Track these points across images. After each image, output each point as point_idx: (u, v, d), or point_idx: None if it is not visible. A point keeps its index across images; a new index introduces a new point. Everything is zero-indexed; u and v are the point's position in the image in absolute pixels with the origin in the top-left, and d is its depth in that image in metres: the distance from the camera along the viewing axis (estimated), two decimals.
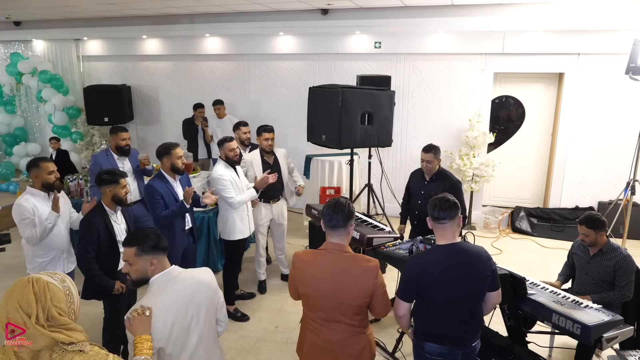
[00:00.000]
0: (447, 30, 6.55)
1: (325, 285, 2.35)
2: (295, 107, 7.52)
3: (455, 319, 2.47)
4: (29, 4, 6.55)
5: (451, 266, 2.41)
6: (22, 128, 9.14)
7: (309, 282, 2.40)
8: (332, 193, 6.03)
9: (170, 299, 2.11)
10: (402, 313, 2.50)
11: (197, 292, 2.19)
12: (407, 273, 2.48)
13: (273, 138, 4.72)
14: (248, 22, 7.25)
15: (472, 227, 6.64)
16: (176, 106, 8.29)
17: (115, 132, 4.65)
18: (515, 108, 7.02)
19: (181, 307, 2.12)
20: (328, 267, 2.36)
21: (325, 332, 2.42)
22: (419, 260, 2.51)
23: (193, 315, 2.16)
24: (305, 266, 2.43)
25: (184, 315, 2.13)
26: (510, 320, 3.09)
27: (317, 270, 2.38)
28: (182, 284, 2.18)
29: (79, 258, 3.33)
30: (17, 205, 3.38)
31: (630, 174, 5.47)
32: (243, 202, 4.30)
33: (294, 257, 2.50)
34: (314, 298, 2.41)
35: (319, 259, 2.41)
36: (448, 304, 2.44)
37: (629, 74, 5.16)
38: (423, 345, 2.52)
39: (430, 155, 4.23)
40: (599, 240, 3.42)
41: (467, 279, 2.42)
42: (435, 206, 2.44)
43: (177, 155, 3.90)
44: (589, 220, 3.39)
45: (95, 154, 4.98)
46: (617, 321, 2.78)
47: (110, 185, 3.36)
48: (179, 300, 2.13)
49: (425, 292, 2.43)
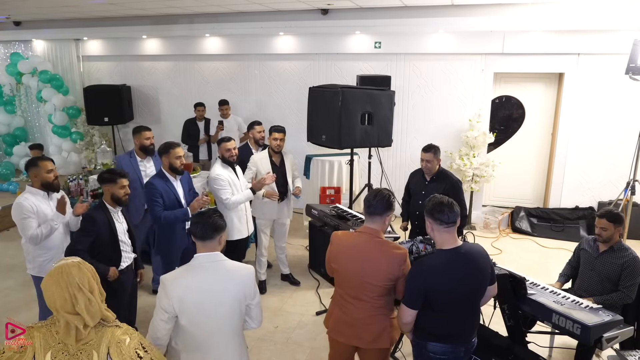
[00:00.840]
0: (447, 30, 6.55)
1: (353, 263, 2.56)
2: (295, 107, 7.52)
3: (460, 319, 2.48)
4: (29, 4, 6.55)
5: (458, 270, 2.40)
6: (22, 128, 9.14)
7: (340, 259, 2.63)
8: (332, 193, 6.03)
9: (196, 280, 2.23)
10: (408, 320, 2.48)
11: (224, 286, 2.25)
12: (414, 280, 2.44)
13: (283, 138, 4.73)
14: (248, 22, 7.25)
15: (472, 227, 6.64)
16: (176, 106, 8.29)
17: (139, 132, 4.62)
18: (515, 108, 7.02)
19: (202, 292, 2.21)
20: (358, 247, 2.57)
21: (350, 308, 2.62)
22: (425, 267, 2.45)
23: (214, 304, 2.22)
24: (340, 244, 2.66)
25: (202, 300, 2.21)
26: (510, 320, 3.09)
27: (349, 249, 2.60)
28: (214, 273, 2.26)
29: (68, 249, 3.26)
30: (17, 204, 3.39)
31: (630, 174, 5.47)
32: (238, 203, 4.31)
33: (332, 236, 2.74)
34: (343, 274, 2.63)
35: (352, 239, 2.64)
36: (454, 306, 2.44)
37: (629, 74, 5.16)
38: (427, 345, 2.52)
39: (430, 154, 4.23)
40: (614, 236, 3.43)
41: (472, 281, 2.43)
42: (444, 211, 2.39)
43: (175, 155, 3.90)
44: (610, 214, 3.42)
45: (119, 156, 4.93)
46: (617, 321, 2.78)
47: (108, 185, 3.37)
48: (201, 286, 2.22)
49: (433, 297, 2.41)
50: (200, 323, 2.23)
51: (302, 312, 4.55)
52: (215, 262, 2.28)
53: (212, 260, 2.28)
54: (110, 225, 3.35)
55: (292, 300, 4.79)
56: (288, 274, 5.14)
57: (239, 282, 2.29)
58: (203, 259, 2.27)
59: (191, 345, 2.27)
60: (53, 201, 3.54)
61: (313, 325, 4.33)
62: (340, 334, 2.70)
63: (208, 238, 2.27)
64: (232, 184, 4.27)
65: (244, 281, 2.30)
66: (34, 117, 9.20)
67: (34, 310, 3.98)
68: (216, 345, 2.28)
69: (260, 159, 4.75)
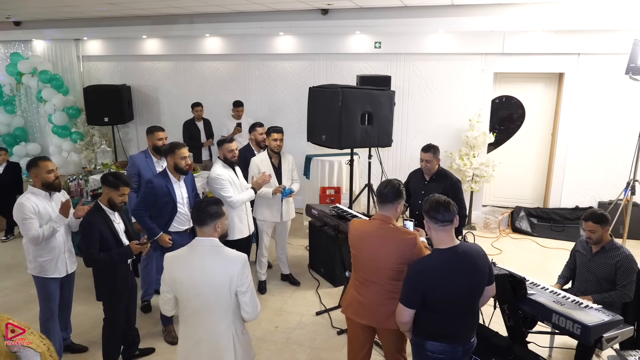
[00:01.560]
0: (447, 30, 6.55)
1: (367, 247, 2.75)
2: (295, 107, 7.52)
3: (458, 318, 2.49)
4: (29, 4, 6.55)
5: (456, 270, 2.41)
6: (22, 128, 9.14)
7: (356, 244, 2.84)
8: (332, 193, 6.03)
9: (188, 259, 2.48)
10: (406, 320, 2.50)
11: (212, 268, 2.43)
12: (412, 280, 2.46)
13: (282, 139, 4.72)
14: (248, 22, 7.25)
15: (472, 227, 6.64)
16: (176, 106, 8.29)
17: (152, 132, 4.60)
18: (515, 108, 7.02)
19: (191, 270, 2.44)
20: (371, 232, 2.77)
21: (364, 290, 2.82)
22: (423, 267, 2.47)
23: (202, 283, 2.42)
24: (356, 230, 2.87)
25: (190, 278, 2.43)
26: (510, 320, 3.09)
27: (364, 234, 2.80)
28: (205, 255, 2.46)
29: (86, 260, 3.33)
30: (19, 204, 3.39)
31: (630, 174, 5.48)
32: (242, 202, 4.33)
33: (349, 224, 2.99)
34: (359, 258, 2.83)
35: (366, 225, 2.86)
36: (452, 305, 2.45)
37: (629, 74, 5.17)
38: (425, 344, 2.53)
39: (429, 154, 4.23)
40: (604, 236, 3.42)
41: (470, 280, 2.44)
42: (439, 209, 2.44)
43: (181, 155, 3.89)
44: (594, 215, 3.41)
45: (133, 155, 4.85)
46: (617, 321, 2.77)
47: (110, 189, 3.37)
48: (192, 266, 2.45)
49: (431, 297, 2.43)
50: (190, 299, 2.46)
51: (302, 312, 4.55)
52: (209, 247, 2.48)
53: (207, 245, 2.48)
54: (109, 226, 3.36)
55: (292, 300, 4.79)
56: (288, 274, 5.14)
57: (226, 266, 2.44)
58: (199, 242, 2.50)
59: (184, 319, 2.54)
60: (55, 201, 3.54)
61: (313, 325, 4.33)
62: (354, 313, 2.90)
63: (204, 224, 2.48)
64: (233, 183, 4.28)
65: (231, 265, 2.44)
66: (34, 117, 9.19)
67: (34, 311, 3.98)
68: (204, 323, 2.47)
69: (260, 160, 4.75)
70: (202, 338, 2.48)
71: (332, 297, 4.78)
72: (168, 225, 3.94)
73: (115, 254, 3.32)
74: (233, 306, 2.47)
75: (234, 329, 2.50)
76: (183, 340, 2.57)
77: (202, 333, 2.48)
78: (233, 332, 2.49)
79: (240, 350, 2.52)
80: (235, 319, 2.51)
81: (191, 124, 7.28)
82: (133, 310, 3.76)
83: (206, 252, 2.47)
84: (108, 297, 3.44)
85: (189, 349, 2.52)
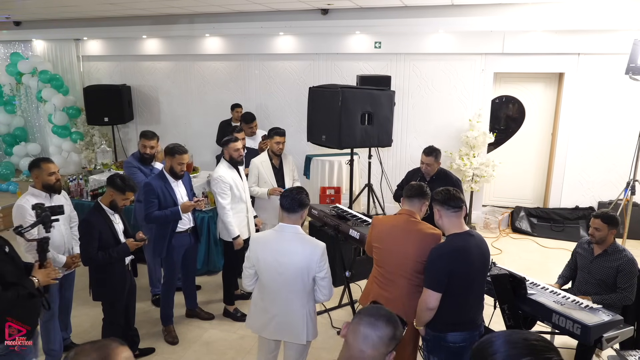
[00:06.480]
0: (447, 30, 6.55)
1: (395, 242, 2.84)
2: (295, 107, 7.52)
3: (472, 303, 2.63)
4: (29, 4, 6.55)
5: (473, 252, 2.58)
6: (22, 128, 9.13)
7: (379, 237, 2.94)
8: (332, 193, 6.03)
9: (272, 242, 2.73)
10: (434, 304, 2.56)
11: (292, 253, 2.67)
12: (438, 262, 2.57)
13: (284, 142, 4.70)
14: (248, 22, 7.25)
15: (472, 227, 6.63)
16: (176, 106, 8.29)
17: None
18: (515, 108, 7.02)
19: (274, 253, 2.69)
20: (395, 226, 2.89)
21: (390, 285, 2.89)
22: (446, 250, 2.59)
23: (282, 266, 2.67)
24: (383, 224, 2.97)
25: (272, 261, 2.69)
26: (510, 320, 3.08)
27: (391, 228, 2.90)
28: (288, 241, 2.69)
29: (84, 258, 3.34)
30: (18, 206, 3.37)
31: (630, 174, 5.47)
32: (229, 218, 4.15)
33: (373, 220, 3.10)
34: (385, 252, 2.90)
35: (391, 219, 2.97)
36: (469, 288, 2.58)
37: (629, 74, 5.16)
38: (446, 336, 2.62)
39: (431, 158, 4.25)
40: (608, 238, 3.42)
41: (481, 263, 2.62)
42: (450, 198, 2.62)
43: (180, 160, 3.89)
44: (605, 215, 3.42)
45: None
46: (617, 321, 2.78)
47: (115, 191, 3.37)
48: (275, 249, 2.70)
49: (454, 279, 2.53)
50: (269, 280, 2.73)
51: None
52: (292, 233, 2.70)
53: (291, 231, 2.70)
54: (109, 226, 3.36)
55: None
56: None
57: (308, 252, 2.66)
58: (284, 228, 2.72)
59: (260, 297, 2.82)
60: (55, 202, 3.53)
61: None
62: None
63: (293, 211, 2.69)
64: (235, 185, 4.24)
65: (312, 252, 2.66)
66: (34, 117, 9.19)
67: None
68: (282, 300, 2.73)
69: (261, 162, 4.72)
70: (277, 313, 2.76)
71: (332, 297, 4.76)
72: (174, 226, 3.95)
73: (113, 252, 3.33)
74: (309, 288, 2.74)
75: (308, 307, 2.77)
76: (260, 314, 2.84)
77: (278, 309, 2.75)
78: (307, 310, 2.77)
79: (311, 327, 2.81)
80: (310, 299, 2.78)
81: (227, 125, 7.07)
82: (132, 311, 3.76)
83: (291, 238, 2.69)
84: (107, 297, 3.44)
85: (265, 322, 2.81)
